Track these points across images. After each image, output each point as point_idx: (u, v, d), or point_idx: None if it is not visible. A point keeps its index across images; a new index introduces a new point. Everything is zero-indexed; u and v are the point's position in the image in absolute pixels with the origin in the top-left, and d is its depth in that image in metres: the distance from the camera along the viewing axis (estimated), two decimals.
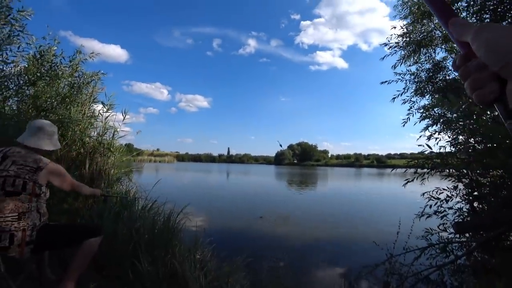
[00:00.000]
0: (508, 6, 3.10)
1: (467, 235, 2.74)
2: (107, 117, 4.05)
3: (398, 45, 4.47)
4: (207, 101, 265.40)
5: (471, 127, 2.40)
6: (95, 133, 3.99)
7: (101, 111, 4.09)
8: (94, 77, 4.21)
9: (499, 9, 3.17)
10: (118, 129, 4.04)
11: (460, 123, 2.67)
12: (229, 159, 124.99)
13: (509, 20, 3.17)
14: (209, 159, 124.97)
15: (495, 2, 3.18)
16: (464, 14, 3.84)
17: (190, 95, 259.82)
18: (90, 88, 4.19)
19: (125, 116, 4.05)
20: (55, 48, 3.88)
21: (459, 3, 3.77)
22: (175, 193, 10.03)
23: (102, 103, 4.11)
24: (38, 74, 3.63)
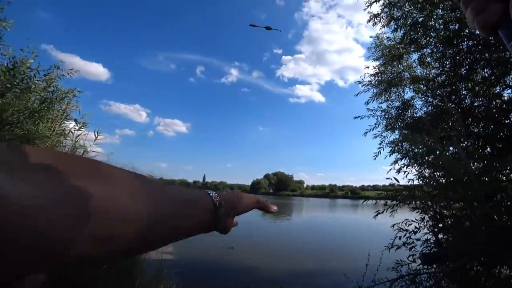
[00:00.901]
0: (464, 56, 3.48)
1: (434, 265, 2.80)
2: (78, 135, 3.89)
3: (371, 83, 4.81)
4: (186, 126, 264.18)
5: (434, 162, 2.56)
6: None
7: (72, 129, 3.92)
8: (68, 94, 4.08)
9: (457, 57, 3.55)
10: (88, 149, 3.87)
11: (425, 158, 2.84)
12: (204, 186, 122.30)
13: (466, 66, 3.53)
14: (184, 185, 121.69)
15: (454, 50, 3.56)
16: (429, 59, 4.25)
17: (168, 119, 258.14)
18: (64, 104, 4.04)
19: (97, 136, 3.89)
20: (32, 60, 3.76)
21: (424, 50, 4.19)
22: None
23: (75, 120, 3.95)
24: (8, 85, 3.47)
